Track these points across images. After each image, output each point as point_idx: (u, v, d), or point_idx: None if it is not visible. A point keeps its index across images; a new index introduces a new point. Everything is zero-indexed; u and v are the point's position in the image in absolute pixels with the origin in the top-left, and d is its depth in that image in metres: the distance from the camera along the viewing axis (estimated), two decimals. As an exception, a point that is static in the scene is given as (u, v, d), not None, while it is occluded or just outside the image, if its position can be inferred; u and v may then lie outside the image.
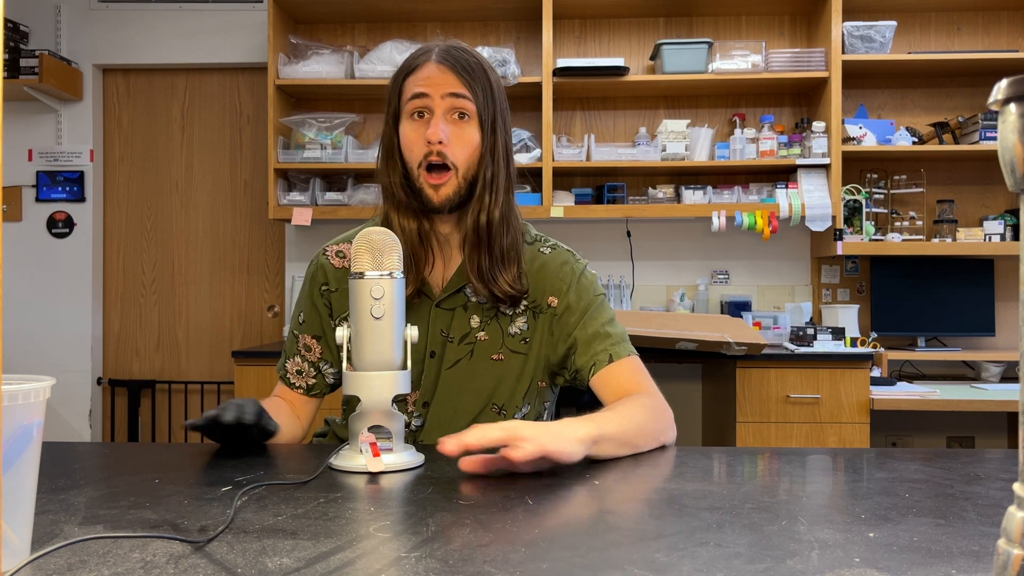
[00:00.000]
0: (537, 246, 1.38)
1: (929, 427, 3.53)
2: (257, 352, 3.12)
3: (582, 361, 1.30)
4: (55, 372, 3.59)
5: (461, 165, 1.27)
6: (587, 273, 1.37)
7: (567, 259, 1.37)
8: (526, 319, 1.33)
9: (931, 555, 0.69)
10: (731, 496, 0.89)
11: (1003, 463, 1.08)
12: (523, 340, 1.33)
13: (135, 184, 3.84)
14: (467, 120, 1.27)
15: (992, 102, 0.48)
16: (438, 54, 1.28)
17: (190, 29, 3.73)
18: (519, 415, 1.35)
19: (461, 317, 1.33)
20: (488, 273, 1.29)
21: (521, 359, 1.33)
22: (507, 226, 1.30)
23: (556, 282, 1.34)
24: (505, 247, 1.30)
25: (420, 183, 1.27)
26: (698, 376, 3.58)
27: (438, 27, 3.66)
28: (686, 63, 3.34)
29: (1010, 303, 3.46)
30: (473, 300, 1.33)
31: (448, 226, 1.33)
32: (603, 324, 1.31)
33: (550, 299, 1.34)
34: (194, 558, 0.68)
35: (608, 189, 3.39)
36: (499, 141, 1.30)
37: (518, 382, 1.33)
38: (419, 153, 1.26)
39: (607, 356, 1.28)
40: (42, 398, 0.66)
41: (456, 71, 1.26)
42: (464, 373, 1.32)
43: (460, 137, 1.26)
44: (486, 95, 1.28)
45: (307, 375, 1.40)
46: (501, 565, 0.66)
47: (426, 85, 1.26)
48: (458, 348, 1.32)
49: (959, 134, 3.41)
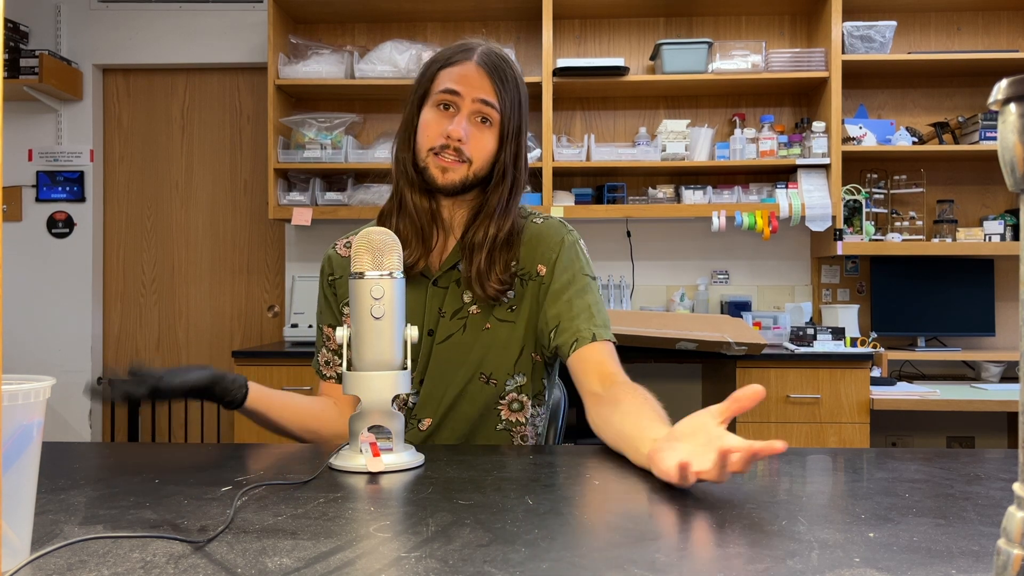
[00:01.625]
0: (531, 219, 1.40)
1: (929, 427, 3.53)
2: (257, 352, 3.12)
3: (564, 337, 1.30)
4: (55, 372, 3.59)
5: (476, 161, 1.31)
6: (579, 247, 1.38)
7: (559, 228, 1.39)
8: (513, 288, 1.35)
9: (931, 555, 0.69)
10: (731, 496, 0.89)
11: (1003, 463, 1.08)
12: (510, 308, 1.34)
13: (135, 184, 3.84)
14: (489, 126, 1.31)
15: (992, 102, 0.48)
16: (480, 56, 1.31)
17: (190, 29, 3.73)
18: (511, 384, 1.35)
19: (454, 292, 1.35)
20: (481, 275, 1.31)
21: (509, 327, 1.34)
22: (509, 236, 1.33)
23: (546, 251, 1.36)
24: (502, 256, 1.32)
25: (426, 163, 1.31)
26: (698, 376, 3.58)
27: (438, 27, 3.66)
28: (686, 63, 3.34)
29: (1010, 303, 3.46)
30: (466, 276, 1.35)
31: (448, 210, 1.36)
32: (589, 305, 1.32)
33: (539, 267, 1.35)
34: (194, 558, 0.68)
35: (608, 189, 3.39)
36: (519, 153, 1.34)
37: (506, 349, 1.34)
38: (434, 140, 1.30)
39: (590, 335, 1.29)
40: (42, 398, 0.66)
41: (492, 78, 1.30)
42: (456, 347, 1.34)
43: (478, 140, 1.30)
44: (513, 107, 1.32)
45: (334, 364, 1.43)
46: (501, 565, 0.66)
47: (460, 83, 1.29)
48: (451, 323, 1.34)
49: (959, 134, 3.41)
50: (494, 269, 1.31)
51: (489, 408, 1.35)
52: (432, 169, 1.30)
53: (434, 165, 1.30)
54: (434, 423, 1.36)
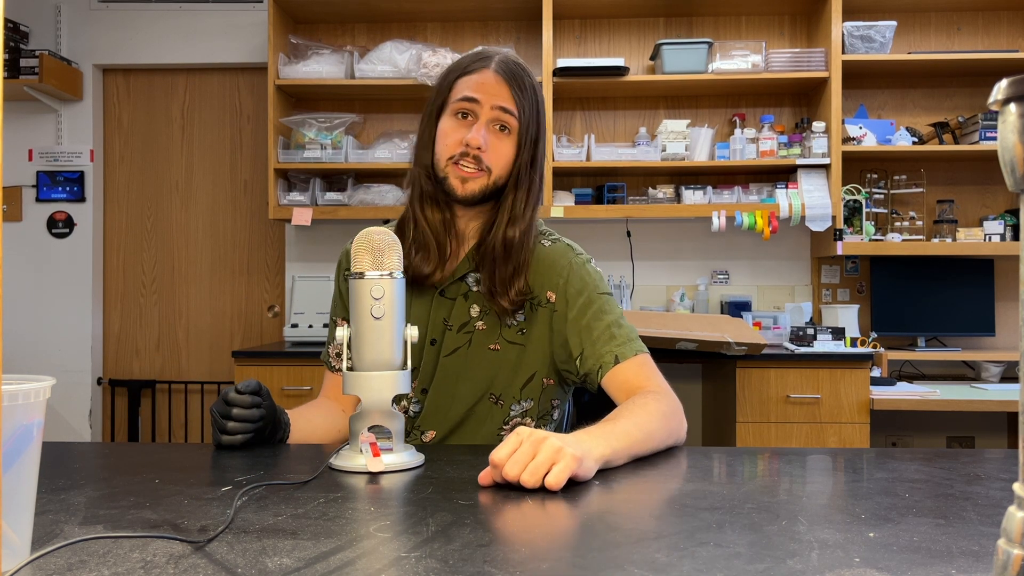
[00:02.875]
0: (539, 239, 1.39)
1: (929, 427, 3.53)
2: (257, 352, 3.12)
3: (589, 365, 1.29)
4: (55, 372, 3.58)
5: (495, 170, 1.30)
6: (588, 268, 1.36)
7: (565, 252, 1.37)
8: (523, 312, 1.34)
9: (931, 555, 0.69)
10: (731, 496, 0.89)
11: (1003, 463, 1.08)
12: (520, 331, 1.34)
13: (135, 184, 3.84)
14: (507, 134, 1.31)
15: (992, 102, 0.48)
16: (497, 64, 1.31)
17: (190, 29, 3.73)
18: (517, 408, 1.35)
19: (462, 305, 1.34)
20: (502, 285, 1.30)
21: (518, 350, 1.33)
22: (526, 242, 1.33)
23: (554, 277, 1.34)
24: (520, 264, 1.31)
25: (445, 172, 1.30)
26: (698, 376, 3.58)
27: (438, 27, 3.66)
28: (686, 63, 3.34)
29: (1010, 303, 3.46)
30: (475, 290, 1.34)
31: (464, 221, 1.36)
32: (608, 326, 1.30)
33: (548, 294, 1.34)
34: (194, 558, 0.68)
35: (608, 189, 3.39)
36: (536, 159, 1.34)
37: (515, 373, 1.33)
38: (453, 148, 1.29)
39: (612, 358, 1.27)
40: (42, 398, 0.66)
41: (511, 85, 1.30)
42: (462, 361, 1.33)
43: (497, 148, 1.30)
44: (531, 114, 1.32)
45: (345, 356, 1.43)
46: (501, 565, 0.66)
47: (478, 90, 1.29)
48: (457, 336, 1.34)
49: (959, 134, 3.41)
50: (512, 280, 1.30)
51: (492, 432, 1.35)
52: (452, 180, 1.30)
53: (454, 175, 1.30)
54: (439, 436, 1.35)
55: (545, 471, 0.91)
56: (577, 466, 0.92)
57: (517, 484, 0.91)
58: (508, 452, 0.92)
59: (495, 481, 0.93)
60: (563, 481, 0.90)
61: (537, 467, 0.90)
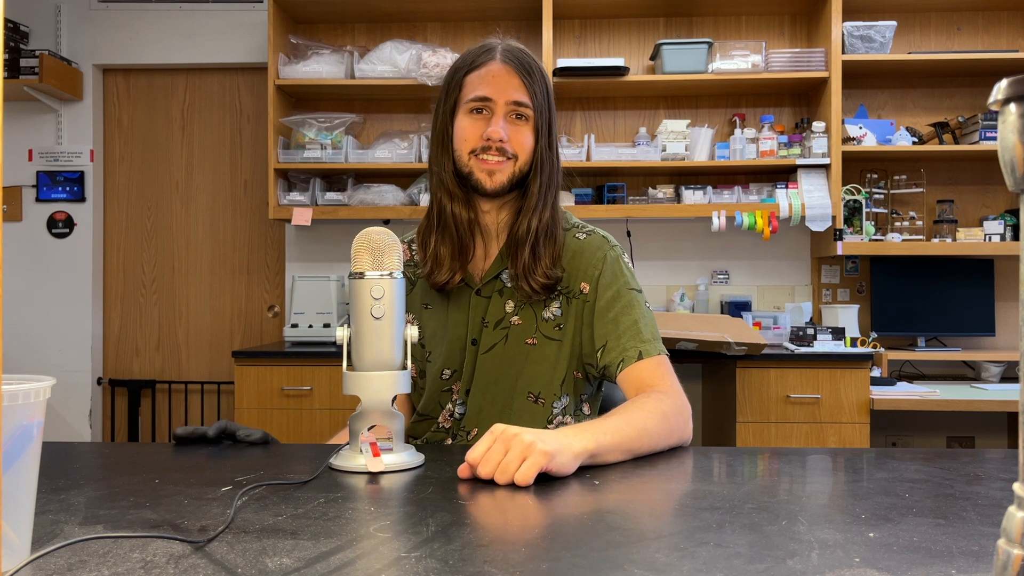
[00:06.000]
0: (573, 232, 1.39)
1: (929, 427, 3.53)
2: (257, 352, 3.12)
3: (611, 357, 1.29)
4: (55, 372, 3.59)
5: (521, 156, 1.31)
6: (621, 262, 1.36)
7: (601, 245, 1.37)
8: (559, 304, 1.34)
9: (931, 555, 0.69)
10: (731, 496, 0.89)
11: (1003, 463, 1.08)
12: (557, 326, 1.33)
13: (135, 184, 3.84)
14: (524, 121, 1.31)
15: (992, 102, 0.48)
16: (502, 54, 1.31)
17: (190, 29, 3.73)
18: (558, 405, 1.34)
19: (497, 302, 1.34)
20: (527, 269, 1.30)
21: (556, 345, 1.33)
22: (553, 226, 1.33)
23: (589, 268, 1.34)
24: (547, 248, 1.32)
25: (470, 167, 1.30)
26: (698, 376, 3.58)
27: (438, 27, 3.66)
28: (686, 63, 3.34)
29: (1010, 303, 3.46)
30: (508, 285, 1.34)
31: (491, 216, 1.36)
32: (635, 321, 1.30)
33: (582, 285, 1.34)
34: (194, 558, 0.68)
35: (608, 189, 3.39)
36: (552, 142, 1.34)
37: (554, 369, 1.33)
38: (474, 143, 1.30)
39: (636, 353, 1.27)
40: (42, 398, 0.66)
41: (520, 73, 1.30)
42: (499, 358, 1.33)
43: (517, 136, 1.31)
44: (543, 99, 1.32)
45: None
46: (501, 565, 0.66)
47: (490, 85, 1.29)
48: (493, 333, 1.34)
49: (959, 134, 3.41)
50: (540, 263, 1.30)
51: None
52: (478, 174, 1.30)
53: (479, 169, 1.29)
54: (480, 434, 1.35)
55: (516, 468, 0.93)
56: (547, 461, 0.94)
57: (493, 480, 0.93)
58: (482, 451, 0.95)
59: (474, 476, 0.96)
60: (531, 478, 0.92)
61: (507, 465, 0.93)
